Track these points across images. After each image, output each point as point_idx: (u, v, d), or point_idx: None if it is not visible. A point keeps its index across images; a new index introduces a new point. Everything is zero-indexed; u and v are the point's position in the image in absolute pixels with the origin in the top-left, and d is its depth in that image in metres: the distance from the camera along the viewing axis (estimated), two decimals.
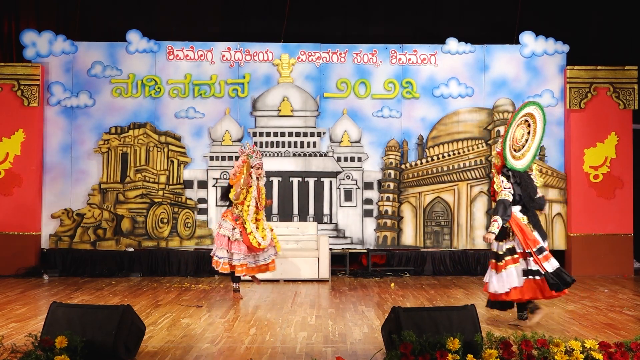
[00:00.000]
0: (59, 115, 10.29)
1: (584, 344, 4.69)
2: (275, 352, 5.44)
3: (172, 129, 10.36)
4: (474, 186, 10.42)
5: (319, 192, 10.40)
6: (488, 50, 10.51)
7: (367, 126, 10.41)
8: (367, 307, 7.51)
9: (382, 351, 5.20)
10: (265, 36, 10.66)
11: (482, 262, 10.32)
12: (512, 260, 6.42)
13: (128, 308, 5.16)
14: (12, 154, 10.11)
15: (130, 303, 6.55)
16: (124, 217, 10.25)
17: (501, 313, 6.86)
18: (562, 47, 10.47)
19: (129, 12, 10.93)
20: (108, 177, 10.28)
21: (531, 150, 6.71)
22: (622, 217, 10.29)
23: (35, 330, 5.35)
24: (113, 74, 10.34)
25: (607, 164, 10.32)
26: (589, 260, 10.16)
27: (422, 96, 10.45)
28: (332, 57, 10.47)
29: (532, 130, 6.73)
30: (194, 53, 10.40)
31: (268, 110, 10.42)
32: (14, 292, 8.49)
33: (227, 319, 6.82)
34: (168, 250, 10.27)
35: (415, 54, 10.47)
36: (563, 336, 5.44)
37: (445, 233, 10.35)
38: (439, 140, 10.45)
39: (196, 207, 10.32)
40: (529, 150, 6.71)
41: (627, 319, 6.82)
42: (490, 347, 4.71)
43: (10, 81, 10.13)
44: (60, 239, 10.18)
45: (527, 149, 6.70)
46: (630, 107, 10.34)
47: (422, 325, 4.83)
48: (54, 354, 4.61)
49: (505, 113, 10.41)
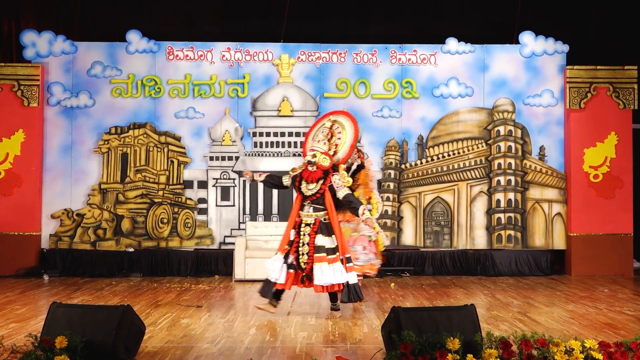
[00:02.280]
0: (58, 115, 10.29)
1: (583, 343, 4.69)
2: (275, 352, 5.44)
3: (172, 129, 10.36)
4: (474, 186, 10.42)
5: None
6: (488, 50, 10.51)
7: (367, 126, 10.41)
8: (367, 307, 7.51)
9: (382, 351, 5.20)
10: (265, 36, 10.66)
11: (482, 262, 10.34)
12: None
13: (128, 308, 5.16)
14: (12, 154, 10.11)
15: (130, 303, 6.55)
16: (124, 217, 10.26)
17: (501, 313, 6.85)
18: (562, 47, 10.47)
19: (129, 12, 10.93)
20: (108, 177, 10.28)
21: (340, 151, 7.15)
22: (622, 217, 10.29)
23: (35, 331, 5.35)
24: (113, 74, 10.34)
25: (607, 164, 10.32)
26: (589, 260, 10.16)
27: (422, 96, 10.45)
28: (332, 57, 10.47)
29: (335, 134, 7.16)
30: (194, 53, 10.40)
31: (268, 110, 10.42)
32: (14, 292, 8.49)
33: (227, 319, 6.82)
34: (168, 251, 10.27)
35: (415, 54, 10.47)
36: (563, 336, 5.44)
37: (445, 233, 10.35)
38: (438, 140, 10.45)
39: (196, 207, 10.32)
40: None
41: (627, 319, 6.82)
42: (490, 347, 4.71)
43: (10, 81, 10.13)
44: (60, 239, 10.18)
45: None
46: (630, 107, 10.34)
47: (422, 325, 4.83)
48: (54, 354, 4.61)
49: (505, 113, 10.42)
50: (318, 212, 6.93)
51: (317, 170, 6.94)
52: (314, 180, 6.92)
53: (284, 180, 7.17)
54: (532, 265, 10.33)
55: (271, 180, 7.24)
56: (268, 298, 6.89)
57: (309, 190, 6.92)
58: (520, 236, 10.36)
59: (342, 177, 6.98)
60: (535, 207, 10.39)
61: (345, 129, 7.21)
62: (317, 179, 6.92)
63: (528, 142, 10.44)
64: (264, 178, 7.21)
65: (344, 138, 7.17)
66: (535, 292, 8.67)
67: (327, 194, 6.90)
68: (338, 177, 6.95)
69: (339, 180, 6.93)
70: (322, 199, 6.91)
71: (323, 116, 7.60)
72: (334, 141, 7.13)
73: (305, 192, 6.94)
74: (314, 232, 6.87)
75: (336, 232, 6.89)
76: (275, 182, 7.24)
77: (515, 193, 10.38)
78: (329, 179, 6.92)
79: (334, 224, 6.90)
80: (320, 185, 6.91)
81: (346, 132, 7.20)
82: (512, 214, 10.37)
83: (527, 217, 10.38)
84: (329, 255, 6.81)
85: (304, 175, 7.00)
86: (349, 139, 7.16)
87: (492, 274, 10.18)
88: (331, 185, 6.91)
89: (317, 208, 6.93)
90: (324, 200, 6.91)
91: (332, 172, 6.97)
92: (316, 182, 6.92)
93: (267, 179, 7.23)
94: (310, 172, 6.95)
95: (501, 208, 10.37)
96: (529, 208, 10.38)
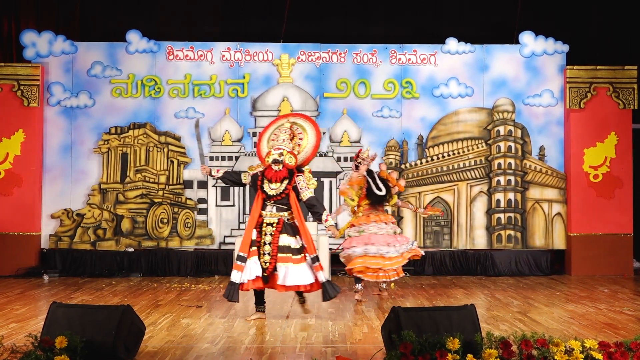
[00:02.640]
0: (58, 115, 10.29)
1: (583, 343, 4.69)
2: (275, 352, 5.44)
3: (172, 129, 10.36)
4: (474, 186, 10.42)
5: (318, 192, 10.40)
6: (488, 50, 10.52)
7: (367, 126, 10.42)
8: (367, 307, 7.51)
9: (382, 351, 5.20)
10: (265, 36, 10.66)
11: (482, 262, 10.34)
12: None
13: (128, 308, 5.16)
14: (12, 154, 10.11)
15: (130, 303, 6.55)
16: (124, 217, 10.26)
17: (501, 313, 6.86)
18: (562, 47, 10.47)
19: (129, 12, 10.93)
20: (108, 177, 10.28)
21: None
22: (622, 217, 10.29)
23: (35, 331, 5.35)
24: (113, 74, 10.34)
25: (607, 164, 10.32)
26: (589, 260, 10.16)
27: (421, 96, 10.45)
28: (332, 57, 10.47)
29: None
30: (194, 53, 10.40)
31: (268, 110, 10.42)
32: (14, 292, 8.49)
33: (227, 319, 6.82)
34: (168, 251, 10.27)
35: (415, 54, 10.47)
36: (563, 336, 5.44)
37: (445, 233, 10.35)
38: (438, 140, 10.45)
39: (196, 207, 10.32)
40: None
41: (627, 319, 6.82)
42: (490, 347, 4.71)
43: (10, 81, 10.13)
44: (60, 239, 10.18)
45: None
46: (630, 107, 10.34)
47: (422, 325, 4.83)
48: (54, 354, 4.60)
49: (505, 113, 10.42)
50: (281, 212, 6.74)
51: (283, 170, 6.74)
52: (279, 179, 6.73)
53: (242, 178, 6.97)
54: (532, 265, 10.33)
55: (229, 177, 7.07)
56: (235, 301, 6.65)
57: (273, 189, 6.71)
58: (520, 236, 10.37)
59: (307, 179, 6.84)
60: (535, 207, 10.39)
61: (307, 132, 7.05)
62: (282, 178, 6.73)
63: (528, 142, 10.44)
64: (222, 174, 7.04)
65: (305, 141, 6.99)
66: (535, 292, 8.67)
67: (292, 194, 6.73)
68: (303, 178, 6.81)
69: (303, 182, 6.78)
70: (287, 199, 6.72)
71: (279, 117, 7.44)
72: (296, 141, 6.97)
73: (268, 191, 6.72)
74: (278, 232, 6.67)
75: (301, 232, 6.73)
76: (233, 178, 7.05)
77: (515, 193, 10.38)
78: (294, 180, 6.76)
79: (298, 224, 6.74)
80: (285, 185, 6.72)
81: (307, 135, 7.02)
82: (512, 214, 10.37)
83: (527, 217, 10.38)
84: (294, 256, 6.65)
85: (267, 174, 6.77)
86: (311, 142, 6.99)
87: (492, 274, 10.18)
88: (295, 186, 6.75)
89: (281, 208, 6.73)
90: (288, 200, 6.72)
91: (297, 173, 6.81)
92: (281, 182, 6.72)
93: (225, 175, 7.06)
94: (275, 171, 6.74)
95: (501, 208, 10.37)
96: (529, 208, 10.39)
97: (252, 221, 6.75)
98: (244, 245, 6.68)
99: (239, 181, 7.02)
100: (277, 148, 6.78)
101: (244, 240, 6.71)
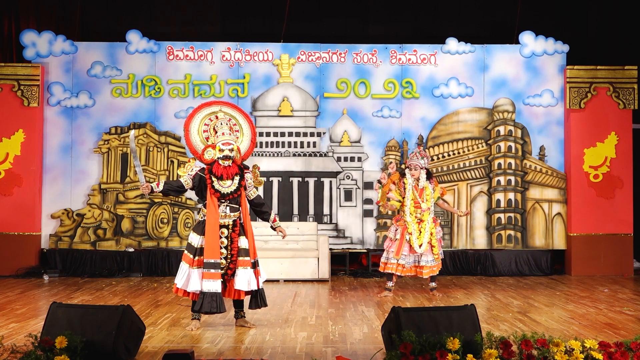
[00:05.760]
0: (59, 115, 10.29)
1: (584, 343, 4.70)
2: (275, 352, 5.44)
3: (172, 129, 10.36)
4: (474, 186, 10.42)
5: (319, 192, 10.40)
6: (488, 50, 10.51)
7: (367, 126, 10.42)
8: (367, 307, 7.51)
9: (382, 351, 5.20)
10: (265, 36, 10.66)
11: (482, 262, 10.33)
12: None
13: (128, 308, 5.16)
14: (12, 154, 10.11)
15: (130, 303, 6.55)
16: (124, 217, 10.26)
17: (501, 313, 6.85)
18: (562, 47, 10.46)
19: (129, 12, 10.94)
20: (108, 177, 10.28)
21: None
22: (622, 217, 10.28)
23: (35, 331, 5.35)
24: (113, 74, 10.34)
25: (607, 164, 10.32)
26: (589, 260, 10.16)
27: (422, 96, 10.45)
28: (332, 57, 10.47)
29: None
30: (194, 53, 10.40)
31: (268, 110, 10.42)
32: (14, 292, 8.49)
33: (227, 319, 6.82)
34: (168, 251, 10.27)
35: (415, 54, 10.47)
36: (563, 336, 5.44)
37: (445, 233, 10.34)
38: (438, 140, 10.45)
39: (196, 207, 10.32)
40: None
41: (627, 319, 6.82)
42: (490, 347, 4.71)
43: (10, 81, 10.13)
44: (60, 239, 10.18)
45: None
46: (630, 106, 10.34)
47: (422, 325, 4.83)
48: (54, 354, 4.61)
49: (505, 113, 10.42)
50: (234, 212, 6.28)
51: (233, 166, 6.23)
52: (230, 176, 6.22)
53: (184, 183, 6.33)
54: (532, 265, 10.33)
55: (171, 187, 6.37)
56: (223, 311, 6.22)
57: (226, 187, 6.22)
58: (520, 236, 10.36)
59: (255, 177, 6.46)
60: (535, 207, 10.39)
61: (240, 124, 6.52)
62: (234, 175, 6.24)
63: (528, 142, 10.44)
64: (163, 187, 6.31)
65: (241, 133, 6.49)
66: (535, 292, 8.67)
67: (243, 193, 6.30)
68: (250, 175, 6.41)
69: (250, 180, 6.39)
70: (239, 197, 6.26)
71: (202, 105, 6.68)
72: (234, 134, 6.45)
73: (221, 189, 6.20)
74: (236, 234, 6.27)
75: (248, 234, 6.32)
76: (175, 187, 6.38)
77: (515, 193, 10.38)
78: (245, 177, 6.33)
79: (246, 225, 6.34)
80: (238, 182, 6.25)
81: (242, 127, 6.52)
82: (512, 214, 10.37)
83: (527, 217, 10.38)
84: (247, 259, 6.29)
85: (215, 171, 6.21)
86: (248, 135, 6.52)
87: (492, 274, 10.18)
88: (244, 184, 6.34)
89: (234, 208, 6.27)
90: (240, 199, 6.27)
91: (246, 170, 6.38)
92: (232, 179, 6.24)
93: (166, 187, 6.34)
94: (224, 167, 6.20)
95: (501, 208, 10.37)
96: (529, 208, 10.38)
97: (216, 224, 6.22)
98: (213, 250, 6.17)
99: (182, 187, 6.38)
100: (226, 142, 6.24)
101: (212, 245, 6.18)
